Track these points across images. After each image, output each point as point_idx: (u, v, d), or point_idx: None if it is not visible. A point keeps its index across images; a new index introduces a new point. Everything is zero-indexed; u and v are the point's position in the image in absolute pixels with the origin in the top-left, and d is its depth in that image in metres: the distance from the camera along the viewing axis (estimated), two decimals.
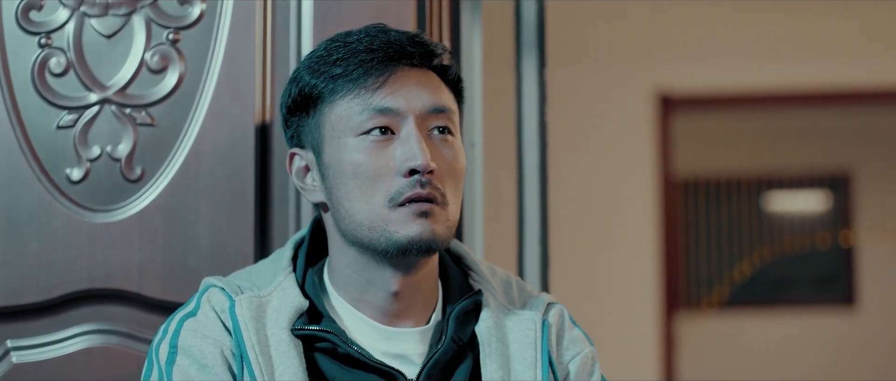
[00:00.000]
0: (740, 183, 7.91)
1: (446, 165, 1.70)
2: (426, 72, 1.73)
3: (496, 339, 1.74)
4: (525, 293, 1.85)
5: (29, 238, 2.04)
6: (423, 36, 1.75)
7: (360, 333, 1.73)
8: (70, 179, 2.06)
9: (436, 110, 1.70)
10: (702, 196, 7.88)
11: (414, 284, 1.74)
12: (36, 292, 2.04)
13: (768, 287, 7.84)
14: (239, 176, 2.05)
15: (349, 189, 1.68)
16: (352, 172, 1.68)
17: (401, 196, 1.66)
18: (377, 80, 1.68)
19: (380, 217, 1.67)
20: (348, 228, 1.70)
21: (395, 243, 1.67)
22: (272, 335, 1.69)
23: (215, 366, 1.68)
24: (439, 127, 1.71)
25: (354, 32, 1.73)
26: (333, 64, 1.70)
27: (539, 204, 2.34)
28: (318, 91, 1.71)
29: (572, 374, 1.79)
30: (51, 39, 2.08)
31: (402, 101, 1.68)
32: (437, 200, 1.67)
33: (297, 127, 1.76)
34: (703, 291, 7.77)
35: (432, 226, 1.67)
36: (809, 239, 7.81)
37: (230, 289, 1.74)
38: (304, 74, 1.73)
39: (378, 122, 1.67)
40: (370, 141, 1.68)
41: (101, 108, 2.07)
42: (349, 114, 1.68)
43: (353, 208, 1.68)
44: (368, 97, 1.68)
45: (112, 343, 2.05)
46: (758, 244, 7.84)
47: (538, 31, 2.36)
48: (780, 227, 7.89)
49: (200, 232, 2.04)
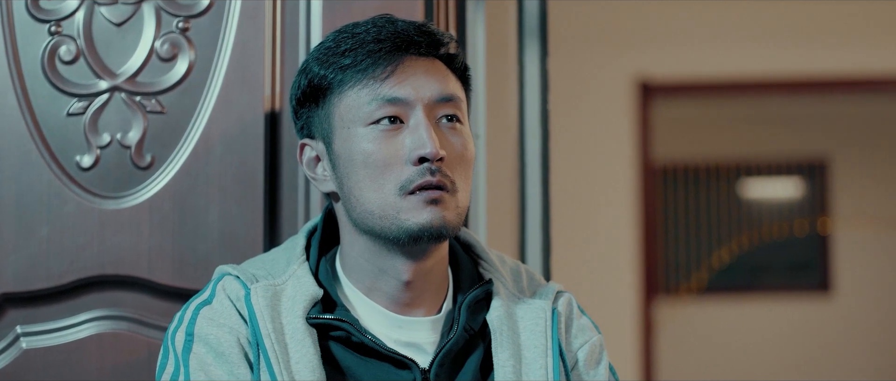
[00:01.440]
0: (719, 170, 7.94)
1: (455, 152, 1.71)
2: (434, 61, 1.74)
3: (507, 327, 1.76)
4: (534, 282, 1.88)
5: (39, 224, 2.05)
6: (430, 25, 1.77)
7: (372, 321, 1.75)
8: (80, 165, 2.07)
9: (444, 99, 1.72)
10: (681, 182, 7.91)
11: (425, 272, 1.76)
12: (46, 278, 2.05)
13: (745, 274, 7.88)
14: (248, 163, 2.06)
15: (360, 178, 1.70)
16: (362, 161, 1.70)
17: (411, 184, 1.68)
18: (385, 69, 1.70)
19: (391, 205, 1.68)
20: (360, 217, 1.72)
21: (407, 230, 1.69)
22: (287, 323, 1.70)
23: (232, 354, 1.69)
24: (447, 115, 1.73)
25: (362, 23, 1.75)
26: (342, 55, 1.72)
27: (541, 192, 2.36)
28: (328, 82, 1.72)
29: (581, 361, 1.82)
30: (61, 27, 2.09)
31: (410, 90, 1.70)
32: (446, 187, 1.69)
33: (307, 118, 1.77)
34: (681, 277, 7.81)
35: (443, 213, 1.69)
36: (787, 226, 7.85)
37: (245, 277, 1.75)
38: (312, 65, 1.75)
39: (387, 111, 1.69)
40: (379, 130, 1.69)
41: (111, 95, 2.08)
42: (358, 104, 1.70)
43: (363, 196, 1.70)
44: (377, 87, 1.69)
45: (122, 329, 2.06)
46: (736, 232, 7.88)
47: (541, 21, 2.38)
48: (758, 214, 7.93)
49: (210, 219, 2.05)
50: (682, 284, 7.79)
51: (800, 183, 7.96)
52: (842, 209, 7.85)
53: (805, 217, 7.88)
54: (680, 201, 7.93)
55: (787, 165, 7.94)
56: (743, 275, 7.88)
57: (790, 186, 7.97)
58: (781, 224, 7.89)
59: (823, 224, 7.84)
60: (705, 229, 7.91)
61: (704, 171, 7.95)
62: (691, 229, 7.91)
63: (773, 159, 7.93)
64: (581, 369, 1.81)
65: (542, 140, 2.38)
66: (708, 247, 7.86)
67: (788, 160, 7.93)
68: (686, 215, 7.93)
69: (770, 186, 8.00)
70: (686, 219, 7.92)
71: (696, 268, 7.80)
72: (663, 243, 7.69)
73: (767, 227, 7.88)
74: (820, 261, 7.88)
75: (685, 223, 7.91)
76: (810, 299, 7.83)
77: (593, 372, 1.82)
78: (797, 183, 7.97)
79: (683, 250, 7.85)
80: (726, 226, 7.91)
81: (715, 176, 7.94)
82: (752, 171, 7.97)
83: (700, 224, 7.92)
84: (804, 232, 7.85)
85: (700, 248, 7.86)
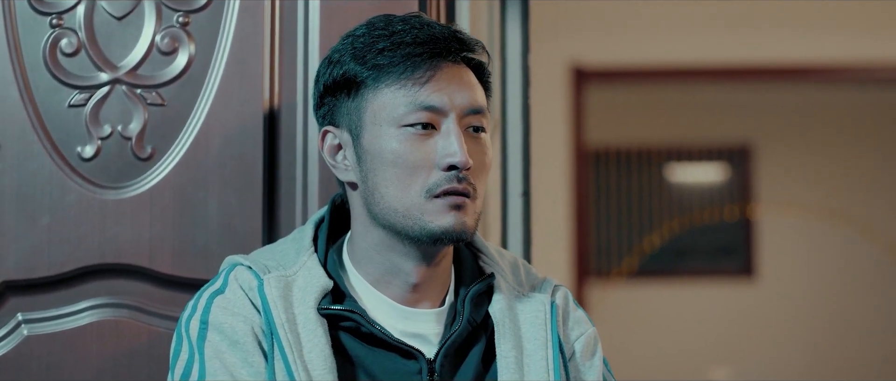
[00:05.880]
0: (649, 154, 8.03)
1: (478, 161, 1.78)
2: (465, 69, 1.81)
3: (509, 320, 1.83)
4: (531, 276, 1.95)
5: (41, 214, 2.08)
6: (463, 32, 1.82)
7: (379, 312, 1.81)
8: (82, 156, 2.10)
9: (473, 111, 1.79)
10: (612, 167, 7.99)
11: (432, 275, 1.82)
12: (48, 267, 2.08)
13: (674, 258, 7.98)
14: (247, 156, 2.10)
15: (387, 176, 1.75)
16: (392, 160, 1.75)
17: (437, 188, 1.74)
18: (423, 75, 1.75)
19: (416, 207, 1.74)
20: (381, 212, 1.77)
21: (429, 232, 1.75)
22: (300, 313, 1.75)
23: (246, 343, 1.74)
24: (474, 126, 1.79)
25: (396, 20, 1.79)
26: (379, 53, 1.76)
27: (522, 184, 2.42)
28: (363, 77, 1.77)
29: (578, 353, 1.89)
30: (62, 20, 2.11)
31: (446, 99, 1.75)
32: (470, 194, 1.76)
33: (333, 106, 1.82)
34: (613, 261, 7.90)
35: (464, 218, 1.75)
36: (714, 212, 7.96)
37: (257, 268, 1.79)
38: (346, 58, 1.79)
39: (422, 117, 1.75)
40: (412, 133, 1.75)
41: (112, 87, 2.11)
42: (394, 105, 1.75)
43: (389, 193, 1.75)
44: (416, 92, 1.74)
45: (122, 317, 2.09)
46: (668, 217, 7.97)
47: (523, 15, 2.43)
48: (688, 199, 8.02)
49: (209, 210, 2.09)
50: (614, 268, 7.88)
51: (725, 169, 8.09)
52: (765, 195, 7.98)
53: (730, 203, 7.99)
54: (612, 185, 8.02)
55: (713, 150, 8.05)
56: (672, 259, 7.98)
57: (716, 171, 8.10)
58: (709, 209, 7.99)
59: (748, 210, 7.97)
60: (636, 214, 8.01)
61: (636, 155, 8.04)
62: (623, 213, 8.00)
63: (700, 145, 8.04)
64: (578, 360, 1.88)
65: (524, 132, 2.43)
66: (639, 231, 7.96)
67: (714, 146, 8.04)
68: (618, 198, 8.01)
69: (697, 171, 8.12)
70: (618, 203, 8.01)
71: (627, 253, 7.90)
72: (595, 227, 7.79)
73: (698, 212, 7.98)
74: (744, 246, 8.01)
75: (617, 207, 8.00)
76: (735, 283, 7.96)
77: (589, 363, 1.89)
78: (723, 169, 8.09)
79: (616, 234, 7.94)
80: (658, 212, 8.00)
81: (646, 161, 8.03)
82: (682, 156, 8.08)
83: (632, 208, 8.02)
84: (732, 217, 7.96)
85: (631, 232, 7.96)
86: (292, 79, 2.13)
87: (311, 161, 2.11)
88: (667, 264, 7.96)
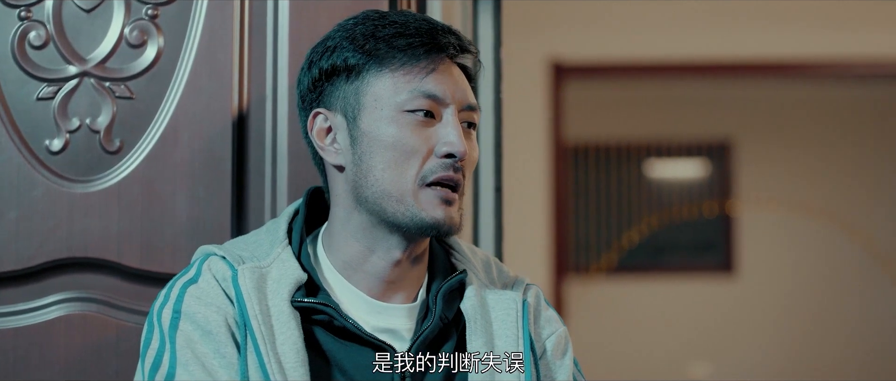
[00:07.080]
0: (629, 150, 8.04)
1: (469, 157, 1.81)
2: (459, 67, 1.84)
3: (480, 316, 1.84)
4: (503, 273, 1.96)
5: (8, 207, 2.07)
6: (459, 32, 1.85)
7: (352, 306, 1.81)
8: (50, 149, 2.09)
9: (469, 107, 1.82)
10: (592, 162, 7.99)
11: (413, 255, 1.83)
12: (15, 261, 2.07)
13: (653, 253, 7.99)
14: (216, 150, 2.09)
15: (383, 159, 1.76)
16: (390, 143, 1.76)
17: (432, 175, 1.76)
18: (428, 65, 1.78)
19: (409, 192, 1.76)
20: (372, 194, 1.78)
21: (419, 221, 1.77)
22: (273, 306, 1.75)
23: (219, 333, 1.73)
24: (469, 122, 1.83)
25: (393, 13, 1.83)
26: (384, 39, 1.78)
27: (494, 179, 2.42)
28: (365, 62, 1.78)
29: (549, 351, 1.90)
30: (31, 12, 2.10)
31: (447, 90, 1.78)
32: (459, 187, 1.78)
33: (327, 89, 1.82)
34: (592, 257, 7.90)
35: (453, 214, 1.78)
36: (693, 208, 7.97)
37: (231, 258, 1.80)
38: (344, 43, 1.80)
39: (424, 105, 1.77)
40: (413, 119, 1.77)
41: (81, 80, 2.10)
42: (396, 90, 1.77)
43: (383, 176, 1.76)
44: (420, 79, 1.77)
45: (90, 311, 2.08)
46: (647, 213, 7.98)
47: (495, 9, 2.44)
48: (667, 194, 8.03)
49: (178, 203, 2.09)
50: (593, 263, 7.88)
51: (704, 165, 8.10)
52: (745, 191, 8.00)
53: (710, 199, 8.00)
54: (591, 180, 8.02)
55: (693, 146, 8.06)
56: (650, 255, 7.99)
57: (696, 167, 8.11)
58: (688, 205, 8.01)
59: (727, 206, 7.98)
60: (615, 210, 8.01)
61: (615, 151, 8.05)
62: (602, 208, 8.01)
63: (679, 141, 8.05)
64: (549, 358, 1.89)
65: (496, 129, 2.44)
66: (618, 227, 7.96)
67: (694, 142, 8.05)
68: (597, 194, 8.02)
69: (676, 167, 8.12)
70: (597, 199, 8.02)
71: (606, 249, 7.90)
72: (574, 223, 7.79)
73: (677, 207, 7.99)
74: (724, 242, 8.02)
75: (596, 203, 8.01)
76: (714, 279, 7.98)
77: (560, 362, 1.90)
78: (702, 165, 8.10)
79: (595, 230, 7.94)
80: (637, 207, 8.01)
81: (625, 157, 8.04)
82: (661, 152, 8.08)
83: (611, 204, 8.02)
84: (711, 213, 7.97)
85: (610, 228, 7.96)
86: (261, 73, 2.12)
87: (280, 155, 2.10)
88: (646, 261, 7.97)
